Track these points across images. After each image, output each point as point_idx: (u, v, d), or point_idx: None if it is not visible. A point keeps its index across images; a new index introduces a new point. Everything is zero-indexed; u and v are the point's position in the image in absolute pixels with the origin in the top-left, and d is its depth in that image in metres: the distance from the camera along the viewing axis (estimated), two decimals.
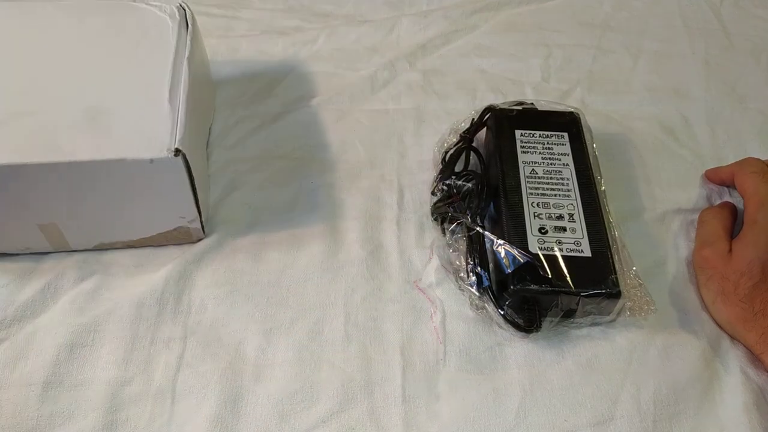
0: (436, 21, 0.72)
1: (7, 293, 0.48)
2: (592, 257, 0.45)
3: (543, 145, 0.53)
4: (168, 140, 0.44)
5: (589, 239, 0.46)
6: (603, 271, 0.45)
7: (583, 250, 0.46)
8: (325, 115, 0.62)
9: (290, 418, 0.43)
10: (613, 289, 0.44)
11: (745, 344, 0.46)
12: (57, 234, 0.49)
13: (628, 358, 0.45)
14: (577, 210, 0.48)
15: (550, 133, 0.54)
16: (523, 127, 0.54)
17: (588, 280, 0.44)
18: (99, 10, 0.54)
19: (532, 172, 0.51)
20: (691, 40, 0.71)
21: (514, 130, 0.54)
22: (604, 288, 0.44)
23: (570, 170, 0.51)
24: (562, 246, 0.46)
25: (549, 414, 0.43)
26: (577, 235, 0.47)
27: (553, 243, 0.46)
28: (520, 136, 0.54)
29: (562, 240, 0.46)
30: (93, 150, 0.44)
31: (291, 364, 0.45)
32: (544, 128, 0.54)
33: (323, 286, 0.49)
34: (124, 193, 0.46)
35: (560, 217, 0.48)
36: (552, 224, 0.47)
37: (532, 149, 0.53)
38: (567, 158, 0.52)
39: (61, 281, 0.49)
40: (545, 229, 0.47)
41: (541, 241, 0.46)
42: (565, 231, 0.47)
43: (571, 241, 0.46)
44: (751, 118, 0.63)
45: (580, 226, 0.47)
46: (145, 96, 0.47)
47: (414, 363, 0.45)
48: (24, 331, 0.46)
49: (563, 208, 0.48)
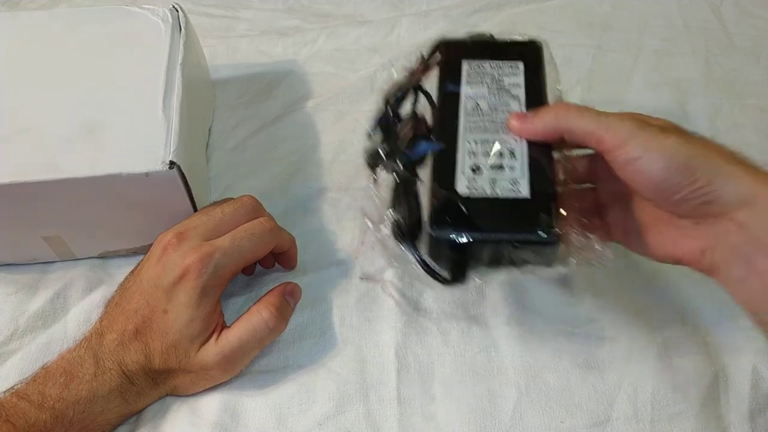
0: (436, 21, 0.72)
1: (17, 302, 0.49)
2: (529, 199, 0.39)
3: (492, 77, 0.46)
4: (162, 152, 0.45)
5: (530, 179, 0.40)
6: (538, 214, 0.38)
7: (520, 190, 0.40)
8: (324, 115, 0.62)
9: (287, 421, 0.43)
10: (547, 235, 0.38)
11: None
12: (62, 244, 0.49)
13: (626, 357, 0.45)
14: (520, 146, 0.42)
15: (502, 63, 0.47)
16: (473, 57, 0.48)
17: (518, 225, 0.39)
18: (92, 18, 0.54)
19: (475, 106, 0.44)
20: (691, 39, 0.70)
21: (461, 59, 0.47)
22: (536, 232, 0.38)
23: (519, 102, 0.44)
24: (496, 187, 0.40)
25: (545, 415, 0.43)
26: (515, 174, 0.40)
27: (485, 183, 0.40)
28: (467, 67, 0.47)
29: (496, 179, 0.40)
30: (89, 166, 0.44)
31: (287, 368, 0.46)
32: (497, 57, 0.47)
33: (320, 288, 0.50)
34: (123, 204, 0.47)
35: (499, 154, 0.42)
36: (489, 162, 0.41)
37: (478, 81, 0.46)
38: (518, 89, 0.45)
39: (70, 291, 0.50)
40: (479, 168, 0.41)
41: (471, 180, 0.40)
42: (502, 169, 0.41)
43: (507, 180, 0.40)
44: (750, 116, 0.63)
45: (520, 164, 0.41)
46: (139, 106, 0.48)
47: (409, 364, 0.45)
48: (37, 341, 0.47)
49: (504, 143, 0.42)
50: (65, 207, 0.46)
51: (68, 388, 0.40)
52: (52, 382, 0.40)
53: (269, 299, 0.45)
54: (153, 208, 0.47)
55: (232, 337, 0.43)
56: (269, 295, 0.46)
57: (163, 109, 0.47)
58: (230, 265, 0.42)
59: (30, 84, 0.50)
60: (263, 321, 0.43)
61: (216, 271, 0.41)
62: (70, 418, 0.39)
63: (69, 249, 0.50)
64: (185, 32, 0.53)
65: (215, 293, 0.42)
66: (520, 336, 0.46)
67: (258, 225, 0.45)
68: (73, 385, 0.40)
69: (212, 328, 0.43)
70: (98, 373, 0.41)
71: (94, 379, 0.40)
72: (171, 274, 0.41)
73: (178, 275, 0.41)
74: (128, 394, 0.41)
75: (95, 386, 0.40)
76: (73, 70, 0.50)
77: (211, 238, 0.43)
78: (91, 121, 0.47)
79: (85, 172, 0.44)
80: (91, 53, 0.52)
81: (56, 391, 0.40)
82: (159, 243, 0.43)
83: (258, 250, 0.44)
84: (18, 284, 0.50)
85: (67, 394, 0.40)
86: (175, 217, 0.46)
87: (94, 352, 0.41)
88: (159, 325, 0.41)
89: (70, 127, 0.46)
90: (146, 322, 0.42)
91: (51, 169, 0.44)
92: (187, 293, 0.41)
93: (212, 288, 0.42)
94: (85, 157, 0.44)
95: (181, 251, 0.42)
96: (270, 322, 0.43)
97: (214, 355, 0.42)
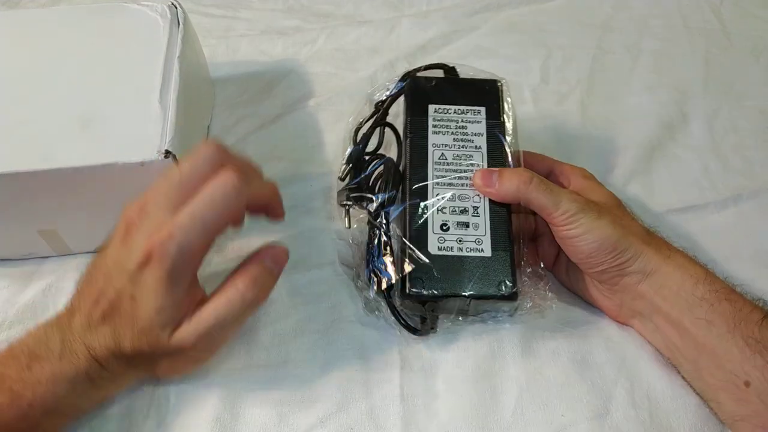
0: (436, 21, 0.72)
1: (9, 295, 0.49)
2: (491, 257, 0.44)
3: (456, 123, 0.48)
4: (158, 142, 0.45)
5: (491, 236, 0.44)
6: (499, 272, 0.43)
7: (483, 249, 0.44)
8: (324, 115, 0.62)
9: (288, 418, 0.43)
10: (507, 292, 0.43)
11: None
12: (57, 239, 0.49)
13: (623, 355, 0.45)
14: (483, 203, 0.45)
15: (466, 109, 0.49)
16: (438, 101, 0.49)
17: (482, 283, 0.43)
18: (90, 14, 0.55)
19: (441, 157, 0.47)
20: (691, 39, 0.71)
21: (428, 104, 0.49)
22: (498, 291, 0.43)
23: (482, 154, 0.47)
24: (462, 245, 0.44)
25: (546, 410, 0.43)
26: (479, 232, 0.44)
27: (454, 242, 0.44)
28: (434, 112, 0.49)
29: (463, 238, 0.44)
30: (85, 156, 0.44)
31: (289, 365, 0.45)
32: (461, 101, 0.49)
33: (321, 285, 0.49)
34: (119, 196, 0.46)
35: (464, 211, 0.45)
36: (455, 219, 0.45)
37: (444, 129, 0.48)
38: (480, 139, 0.48)
39: (63, 283, 0.49)
40: (447, 226, 0.44)
41: (441, 240, 0.44)
42: (468, 227, 0.44)
43: (472, 239, 0.44)
44: (750, 117, 0.63)
45: (483, 221, 0.45)
46: (136, 98, 0.48)
47: (412, 361, 0.45)
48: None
49: (468, 200, 0.45)
50: (61, 199, 0.46)
51: (30, 369, 0.37)
52: (14, 361, 0.38)
53: (247, 269, 0.40)
54: None
55: (207, 315, 0.38)
56: (248, 262, 0.41)
57: (160, 101, 0.47)
58: (195, 244, 0.37)
59: (27, 77, 0.50)
60: (239, 294, 0.39)
61: (181, 254, 0.37)
62: (28, 400, 0.37)
63: (65, 243, 0.50)
64: (183, 28, 0.53)
65: (185, 276, 0.38)
66: (521, 335, 0.46)
67: (220, 186, 0.38)
68: (36, 366, 0.38)
69: (185, 310, 0.39)
70: (64, 354, 0.38)
71: (60, 360, 0.38)
72: (134, 258, 0.37)
73: (141, 260, 0.37)
74: (98, 379, 0.39)
75: (60, 368, 0.38)
76: (71, 64, 0.50)
77: (177, 206, 0.38)
78: (87, 114, 0.46)
79: (80, 162, 0.44)
80: (89, 47, 0.52)
81: (16, 371, 0.37)
82: (123, 217, 0.39)
83: (224, 217, 0.38)
84: (11, 278, 0.50)
85: (28, 375, 0.37)
86: None
87: (62, 332, 0.38)
88: (127, 311, 0.38)
89: (67, 119, 0.46)
90: (114, 307, 0.38)
91: (47, 159, 0.44)
92: (154, 281, 0.37)
93: (180, 272, 0.37)
94: (81, 148, 0.44)
95: (143, 231, 0.38)
96: (246, 295, 0.39)
97: (189, 335, 0.38)
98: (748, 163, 0.59)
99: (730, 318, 0.40)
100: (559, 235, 0.44)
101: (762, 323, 0.40)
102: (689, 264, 0.43)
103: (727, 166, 0.59)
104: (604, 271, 0.44)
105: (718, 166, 0.59)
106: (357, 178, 0.48)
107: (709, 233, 0.53)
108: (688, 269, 0.43)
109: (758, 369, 0.39)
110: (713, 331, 0.41)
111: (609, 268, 0.44)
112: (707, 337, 0.41)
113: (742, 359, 0.39)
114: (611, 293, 0.46)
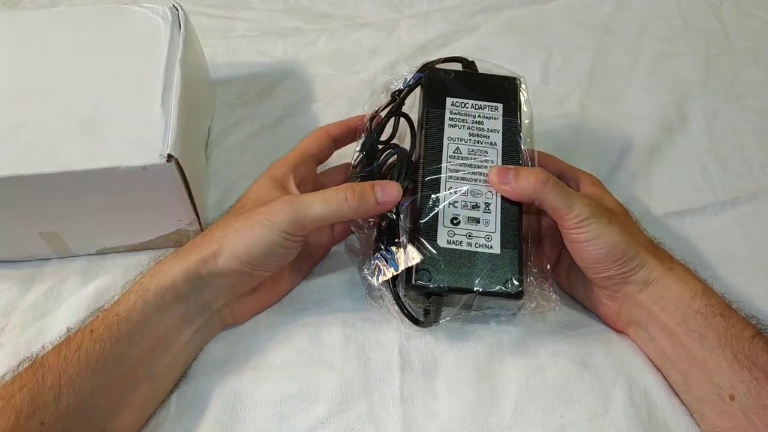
0: (436, 22, 0.72)
1: (10, 297, 0.49)
2: (500, 254, 0.43)
3: (473, 118, 0.48)
4: (161, 146, 0.45)
5: (501, 234, 0.44)
6: (507, 270, 0.43)
7: (492, 245, 0.44)
8: (324, 117, 0.62)
9: (289, 419, 0.43)
10: (513, 291, 0.42)
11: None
12: (59, 241, 0.49)
13: (620, 357, 0.46)
14: (495, 200, 0.45)
15: (483, 104, 0.48)
16: (456, 94, 0.49)
17: (489, 280, 0.42)
18: (92, 17, 0.55)
19: (456, 150, 0.46)
20: (691, 40, 0.71)
21: (446, 97, 0.49)
22: (504, 289, 0.42)
23: (496, 151, 0.47)
24: (472, 240, 0.44)
25: (545, 410, 0.43)
26: (489, 229, 0.44)
27: (463, 236, 0.44)
28: (451, 105, 0.48)
29: (473, 233, 0.44)
30: (87, 159, 0.44)
31: (289, 366, 0.45)
32: (478, 97, 0.49)
33: (323, 286, 0.49)
34: (120, 199, 0.47)
35: (476, 207, 0.45)
36: (466, 214, 0.44)
37: (461, 123, 0.48)
38: (496, 136, 0.47)
39: (64, 285, 0.50)
40: (458, 220, 0.44)
41: (450, 234, 0.44)
42: (478, 223, 0.44)
43: (482, 236, 0.44)
44: (749, 118, 0.63)
45: (494, 218, 0.44)
46: (138, 101, 0.48)
47: (412, 362, 0.45)
48: (26, 334, 0.47)
49: (481, 195, 0.45)
50: (63, 202, 0.46)
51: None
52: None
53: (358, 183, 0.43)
54: (151, 204, 0.47)
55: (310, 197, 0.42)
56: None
57: (162, 105, 0.47)
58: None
59: (29, 80, 0.50)
60: (342, 194, 0.42)
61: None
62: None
63: (66, 246, 0.50)
64: (185, 30, 0.53)
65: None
66: (521, 337, 0.46)
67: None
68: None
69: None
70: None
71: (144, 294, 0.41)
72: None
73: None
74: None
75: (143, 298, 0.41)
76: (73, 67, 0.50)
77: None
78: (89, 117, 0.47)
79: (82, 165, 0.44)
80: (91, 50, 0.52)
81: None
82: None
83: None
84: (13, 280, 0.50)
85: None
86: (173, 214, 0.46)
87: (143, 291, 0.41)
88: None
89: (69, 122, 0.46)
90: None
91: (49, 162, 0.44)
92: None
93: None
94: (83, 151, 0.45)
95: None
96: (350, 197, 0.42)
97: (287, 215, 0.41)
98: (747, 164, 0.59)
99: (722, 333, 0.41)
100: (569, 239, 0.44)
101: (753, 340, 0.40)
102: (689, 277, 0.44)
103: (726, 167, 0.59)
104: (608, 278, 0.44)
105: (717, 167, 0.59)
106: (369, 166, 0.48)
107: (707, 236, 0.54)
108: (687, 282, 0.43)
109: (745, 384, 0.39)
110: (705, 345, 0.41)
111: (614, 275, 0.44)
112: (699, 350, 0.41)
113: (730, 373, 0.40)
114: (611, 300, 0.46)
